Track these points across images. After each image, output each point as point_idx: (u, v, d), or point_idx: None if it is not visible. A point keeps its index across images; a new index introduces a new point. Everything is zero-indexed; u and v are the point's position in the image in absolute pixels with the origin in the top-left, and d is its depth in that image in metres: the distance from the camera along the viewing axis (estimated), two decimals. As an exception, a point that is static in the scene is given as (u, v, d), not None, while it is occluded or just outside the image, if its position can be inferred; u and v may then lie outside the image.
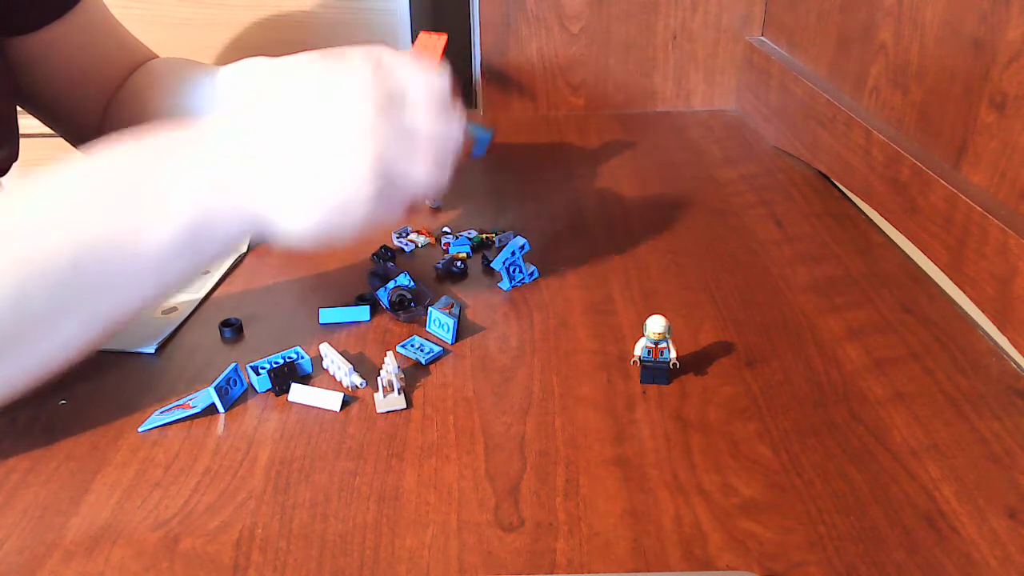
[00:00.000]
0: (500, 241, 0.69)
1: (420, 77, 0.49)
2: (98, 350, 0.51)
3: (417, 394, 0.51)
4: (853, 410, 0.50)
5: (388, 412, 0.50)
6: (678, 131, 0.98)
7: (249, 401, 0.51)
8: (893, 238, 0.71)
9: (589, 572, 0.39)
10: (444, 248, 0.69)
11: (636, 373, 0.52)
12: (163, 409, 0.49)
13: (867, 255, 0.68)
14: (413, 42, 0.63)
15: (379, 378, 0.51)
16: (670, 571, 0.39)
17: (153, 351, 0.55)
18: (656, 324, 0.50)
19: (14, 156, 0.69)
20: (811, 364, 0.54)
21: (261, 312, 0.60)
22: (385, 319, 0.59)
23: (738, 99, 1.05)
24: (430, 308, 0.57)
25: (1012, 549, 0.40)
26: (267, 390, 0.52)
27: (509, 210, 0.77)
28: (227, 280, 0.64)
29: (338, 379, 0.53)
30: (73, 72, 0.72)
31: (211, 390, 0.49)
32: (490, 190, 0.84)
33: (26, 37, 0.68)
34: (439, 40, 0.61)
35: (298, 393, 0.51)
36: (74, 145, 0.80)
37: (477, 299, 0.62)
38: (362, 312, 0.59)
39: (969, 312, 0.60)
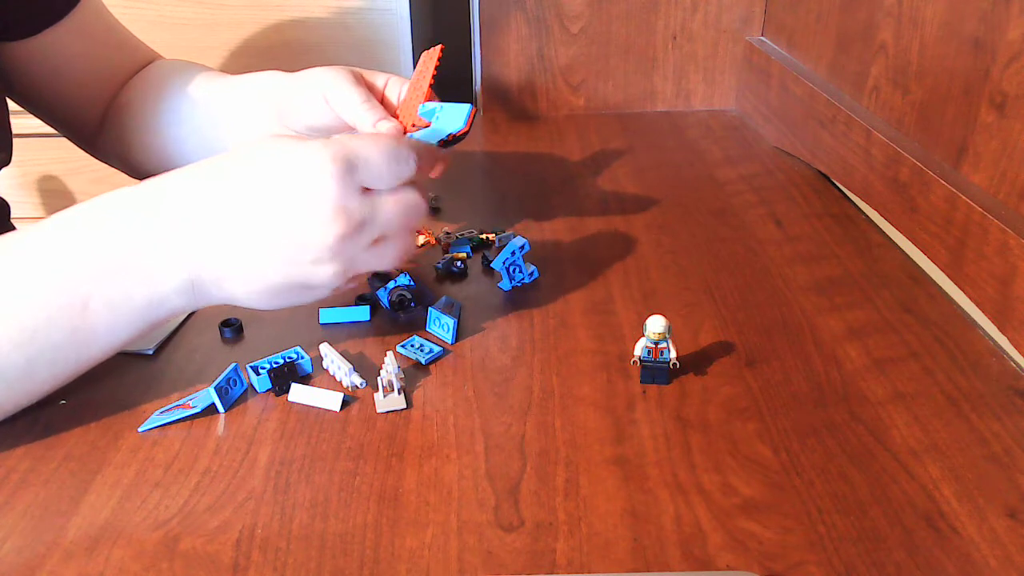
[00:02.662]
0: (500, 241, 0.69)
1: (384, 175, 0.49)
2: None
3: (417, 394, 0.51)
4: (853, 410, 0.50)
5: (388, 412, 0.50)
6: (678, 131, 0.98)
7: (249, 401, 0.51)
8: (893, 238, 0.71)
9: (589, 572, 0.39)
10: (444, 248, 0.69)
11: (636, 373, 0.52)
12: (163, 409, 0.49)
13: (867, 255, 0.68)
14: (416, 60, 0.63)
15: (379, 378, 0.51)
16: (670, 571, 0.39)
17: (151, 352, 0.55)
18: (656, 324, 0.50)
19: (7, 159, 0.69)
20: (811, 364, 0.54)
21: (261, 312, 0.60)
22: (385, 319, 0.59)
23: (738, 99, 1.05)
24: (430, 308, 0.57)
25: (1012, 549, 0.40)
26: (267, 390, 0.52)
27: (509, 210, 0.77)
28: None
29: (338, 379, 0.53)
30: (73, 74, 0.72)
31: (211, 390, 0.49)
32: (490, 190, 0.84)
33: (24, 41, 0.68)
34: (434, 53, 0.61)
35: (298, 393, 0.51)
36: (77, 145, 0.80)
37: (477, 299, 0.62)
38: (362, 312, 0.59)
39: (969, 312, 0.60)
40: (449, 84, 1.35)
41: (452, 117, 0.58)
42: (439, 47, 0.61)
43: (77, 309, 0.46)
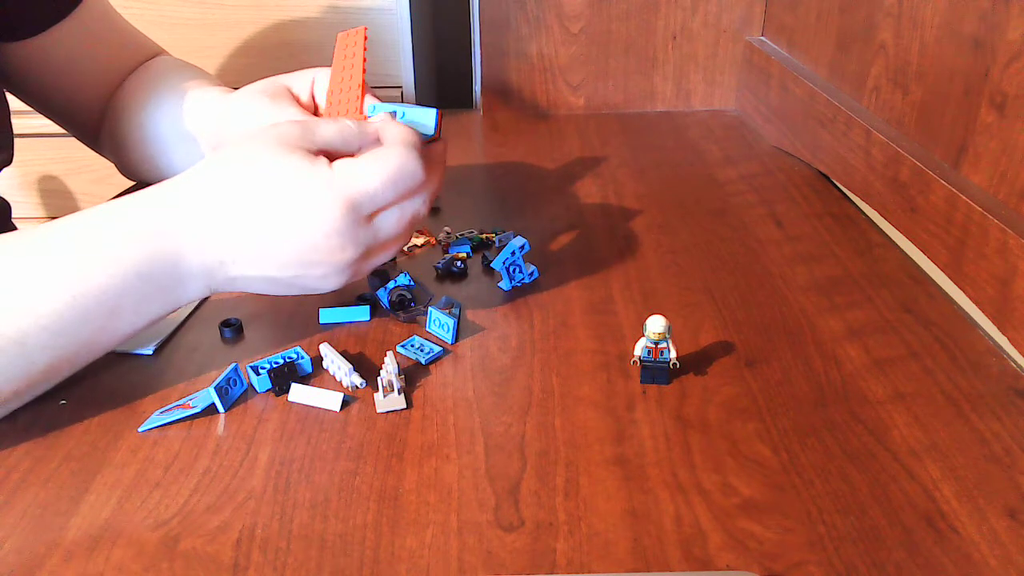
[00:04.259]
0: (500, 241, 0.69)
1: (382, 174, 0.49)
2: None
3: (417, 394, 0.51)
4: (853, 410, 0.50)
5: (388, 412, 0.50)
6: (678, 131, 0.98)
7: (249, 401, 0.51)
8: (893, 238, 0.71)
9: (589, 572, 0.39)
10: (444, 248, 0.69)
11: (636, 373, 0.52)
12: (163, 409, 0.49)
13: (867, 255, 0.68)
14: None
15: (379, 378, 0.51)
16: (670, 571, 0.39)
17: (151, 352, 0.55)
18: (656, 324, 0.50)
19: (9, 159, 0.69)
20: (811, 364, 0.54)
21: (261, 312, 0.60)
22: (385, 319, 0.59)
23: (738, 99, 1.05)
24: (430, 308, 0.57)
25: (1012, 549, 0.40)
26: (267, 390, 0.52)
27: (509, 210, 0.77)
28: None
29: (338, 379, 0.53)
30: (77, 72, 0.72)
31: (211, 390, 0.49)
32: (490, 190, 0.84)
33: (29, 40, 0.68)
34: (358, 35, 0.57)
35: (298, 393, 0.51)
36: (82, 142, 0.80)
37: (477, 299, 0.62)
38: (362, 312, 0.59)
39: (969, 312, 0.60)
40: (450, 84, 1.35)
41: (419, 122, 0.54)
42: (362, 28, 0.56)
43: (105, 312, 0.47)
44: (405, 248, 0.69)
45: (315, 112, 0.63)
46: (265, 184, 0.48)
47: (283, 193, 0.48)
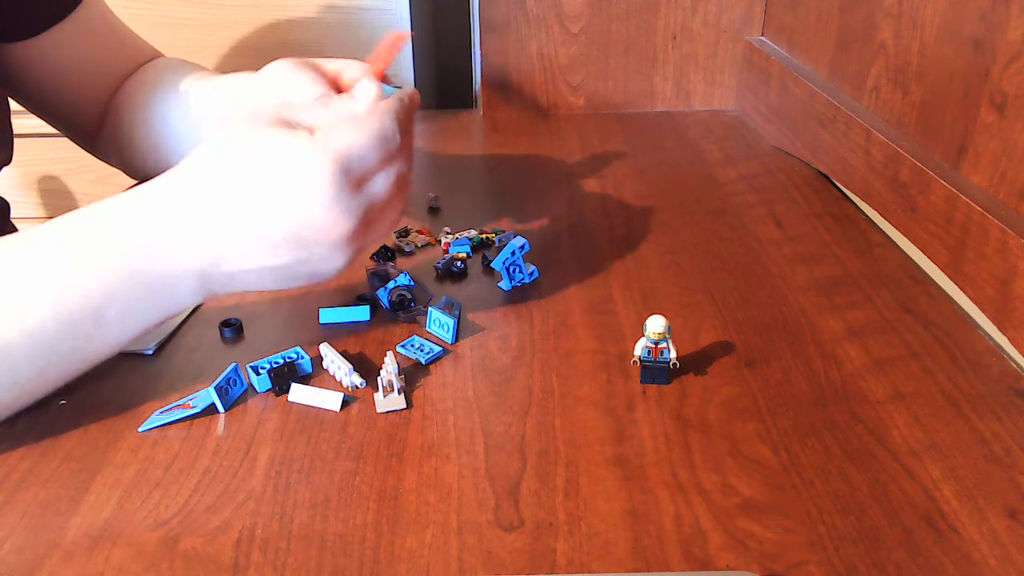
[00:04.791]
0: (500, 241, 0.69)
1: (370, 142, 0.48)
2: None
3: (417, 394, 0.51)
4: (853, 410, 0.50)
5: (388, 412, 0.50)
6: (678, 131, 0.98)
7: (249, 401, 0.51)
8: (893, 238, 0.71)
9: (589, 572, 0.39)
10: (444, 248, 0.69)
11: (636, 373, 0.52)
12: (163, 409, 0.49)
13: (867, 255, 0.68)
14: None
15: (379, 378, 0.51)
16: (670, 571, 0.39)
17: (151, 351, 0.55)
18: (656, 324, 0.50)
19: (8, 159, 0.69)
20: (811, 364, 0.54)
21: (261, 312, 0.60)
22: (385, 319, 0.59)
23: (738, 99, 1.05)
24: (430, 308, 0.57)
25: (1012, 549, 0.40)
26: (267, 390, 0.52)
27: (509, 210, 0.77)
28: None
29: (338, 379, 0.53)
30: (74, 75, 0.72)
31: (211, 390, 0.49)
32: (490, 189, 0.84)
33: (26, 42, 0.68)
34: (397, 39, 0.57)
35: (298, 393, 0.51)
36: (78, 144, 0.80)
37: (477, 299, 0.62)
38: (362, 312, 0.59)
39: (969, 312, 0.60)
40: (450, 84, 1.36)
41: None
42: (409, 34, 0.58)
43: (90, 320, 0.46)
44: (405, 248, 0.69)
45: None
46: (248, 165, 0.46)
47: (268, 168, 0.46)
